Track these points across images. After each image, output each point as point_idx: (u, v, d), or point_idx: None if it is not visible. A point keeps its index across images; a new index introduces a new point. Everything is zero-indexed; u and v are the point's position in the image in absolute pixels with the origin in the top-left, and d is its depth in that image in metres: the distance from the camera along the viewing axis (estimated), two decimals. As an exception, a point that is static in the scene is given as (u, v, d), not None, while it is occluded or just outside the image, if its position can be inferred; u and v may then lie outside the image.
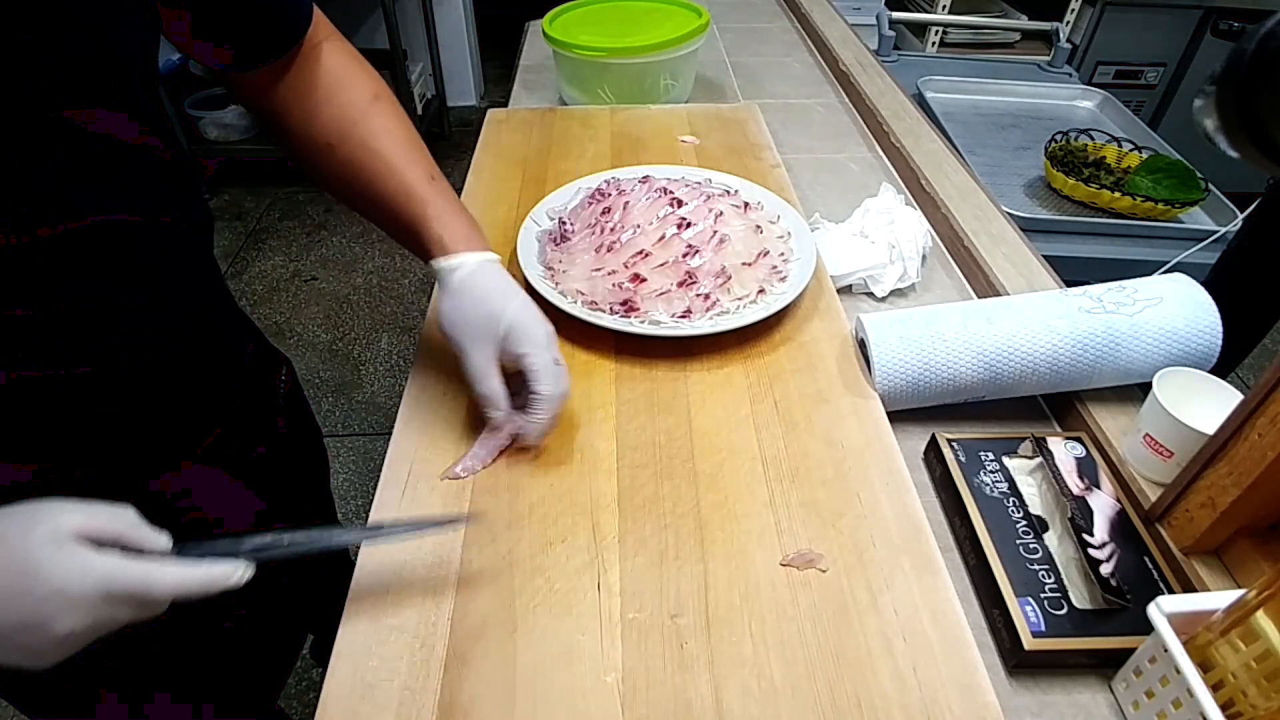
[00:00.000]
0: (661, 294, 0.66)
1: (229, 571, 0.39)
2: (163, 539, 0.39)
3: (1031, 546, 0.52)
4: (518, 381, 0.54)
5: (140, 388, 0.48)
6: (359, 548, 0.49)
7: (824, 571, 0.49)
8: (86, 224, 0.41)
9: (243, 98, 0.54)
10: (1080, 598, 0.49)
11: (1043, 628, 0.47)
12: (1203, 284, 0.62)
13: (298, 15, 0.52)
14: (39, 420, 0.45)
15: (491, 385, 0.53)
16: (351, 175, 0.55)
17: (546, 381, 0.52)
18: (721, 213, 0.72)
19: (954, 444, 0.59)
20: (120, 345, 0.45)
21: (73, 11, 0.37)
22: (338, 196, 0.57)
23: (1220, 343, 0.60)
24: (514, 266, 0.73)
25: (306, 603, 0.76)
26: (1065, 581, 0.50)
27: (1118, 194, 1.17)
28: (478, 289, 0.53)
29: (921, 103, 1.46)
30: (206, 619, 0.60)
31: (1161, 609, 0.43)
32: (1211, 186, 1.19)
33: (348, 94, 0.55)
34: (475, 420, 0.59)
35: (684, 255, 0.67)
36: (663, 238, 0.68)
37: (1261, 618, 0.39)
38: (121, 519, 0.37)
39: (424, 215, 0.54)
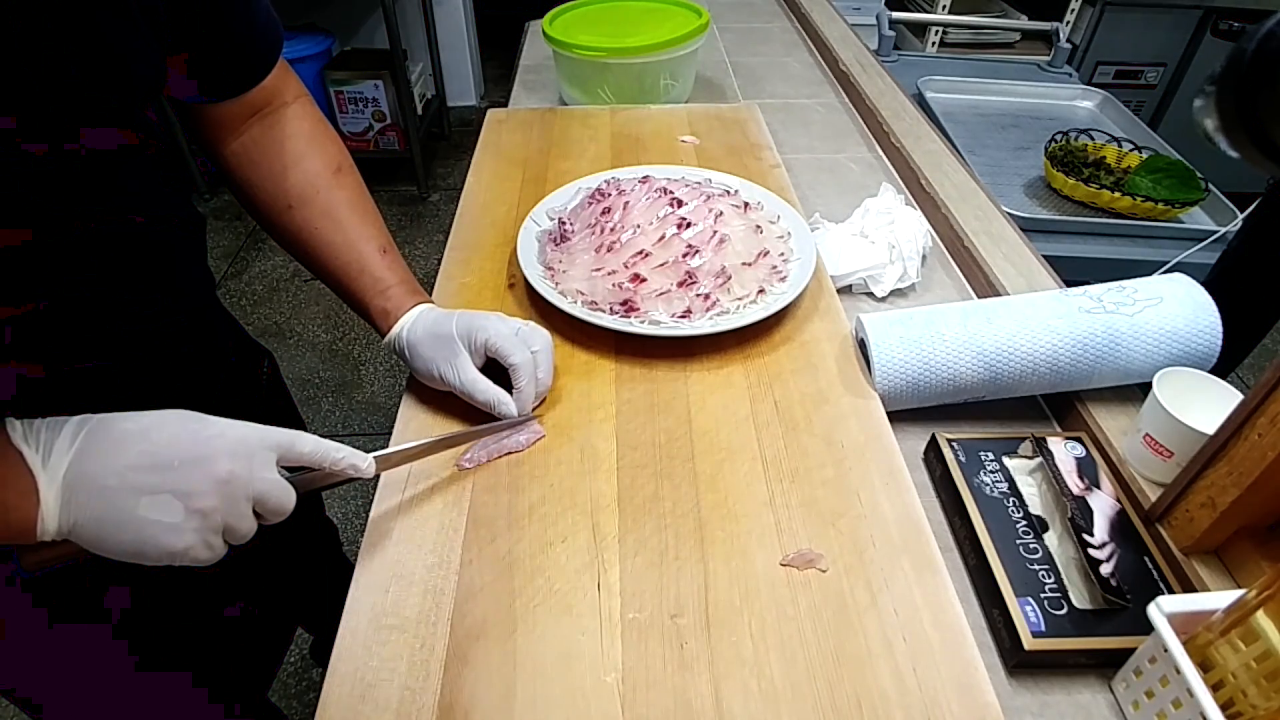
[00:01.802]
0: (661, 294, 0.66)
1: (364, 458, 0.46)
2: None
3: (1031, 546, 0.52)
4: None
5: (148, 380, 0.50)
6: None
7: (824, 571, 0.49)
8: (104, 224, 0.43)
9: (211, 143, 0.56)
10: (1080, 598, 0.49)
11: (1043, 628, 0.47)
12: (1203, 284, 0.62)
13: (266, 49, 0.54)
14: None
15: (487, 391, 0.56)
16: (308, 239, 0.58)
17: (513, 351, 0.55)
18: (721, 213, 0.72)
19: (954, 444, 0.59)
20: (134, 337, 0.47)
21: (95, 39, 0.39)
22: (290, 253, 0.60)
23: (1220, 343, 0.60)
24: (514, 266, 0.74)
25: (299, 595, 0.76)
26: (1065, 581, 0.50)
27: (1118, 194, 1.17)
28: (426, 330, 0.57)
29: (921, 103, 1.46)
30: (208, 606, 0.61)
31: (1161, 609, 0.43)
32: (1211, 186, 1.19)
33: (314, 161, 0.58)
34: (475, 419, 0.59)
35: (684, 255, 0.67)
36: (663, 238, 0.68)
37: (1261, 618, 0.39)
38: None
39: (374, 289, 0.58)
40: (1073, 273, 0.79)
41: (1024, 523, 0.53)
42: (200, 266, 0.56)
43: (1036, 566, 0.51)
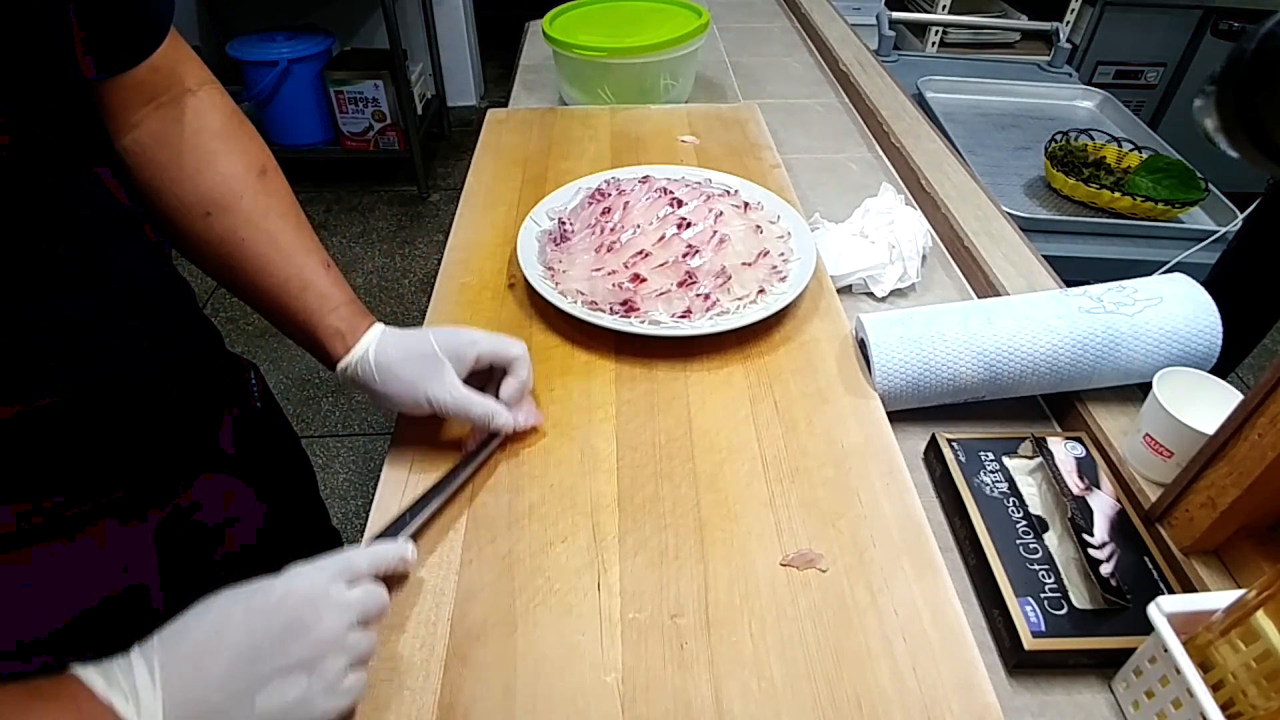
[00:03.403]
0: (661, 294, 0.66)
1: (408, 549, 0.45)
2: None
3: (1031, 546, 0.52)
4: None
5: (139, 404, 0.46)
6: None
7: (824, 571, 0.49)
8: (74, 231, 0.39)
9: (113, 131, 0.48)
10: (1080, 598, 0.49)
11: (1043, 628, 0.47)
12: (1203, 284, 0.62)
13: (158, 4, 0.47)
14: (69, 448, 0.43)
15: (484, 404, 0.53)
16: (233, 252, 0.50)
17: (509, 346, 0.55)
18: (721, 213, 0.72)
19: (954, 444, 0.59)
20: (116, 357, 0.43)
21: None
22: (211, 273, 0.52)
23: (1220, 343, 0.60)
24: (514, 266, 0.74)
25: None
26: (1065, 581, 0.50)
27: (1118, 194, 1.17)
28: (402, 350, 0.53)
29: (921, 103, 1.47)
30: None
31: (1161, 609, 0.43)
32: (1211, 186, 1.20)
33: (232, 161, 0.50)
34: (475, 420, 0.59)
35: (684, 255, 0.67)
36: (663, 238, 0.68)
37: (1261, 618, 0.39)
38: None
39: (323, 306, 0.52)
40: (1073, 273, 0.79)
41: (1024, 523, 0.53)
42: (174, 278, 0.49)
43: (1036, 566, 0.51)
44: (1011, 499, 0.55)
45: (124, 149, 0.48)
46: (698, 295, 0.66)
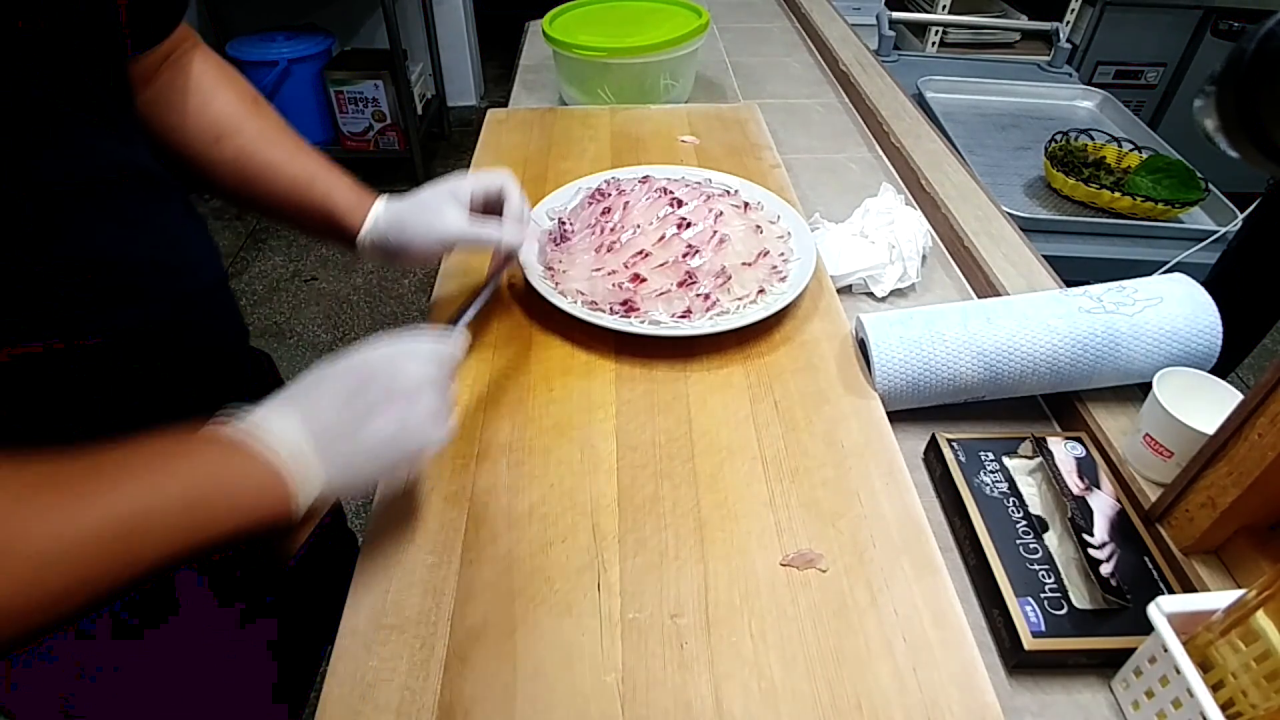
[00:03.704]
0: (661, 294, 0.66)
1: (460, 337, 0.50)
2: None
3: (1031, 546, 0.52)
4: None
5: (178, 345, 0.50)
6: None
7: (824, 571, 0.49)
8: (112, 176, 0.43)
9: (137, 89, 0.53)
10: (1080, 598, 0.49)
11: (1043, 628, 0.47)
12: (1203, 284, 0.62)
13: None
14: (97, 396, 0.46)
15: (491, 229, 0.59)
16: (246, 164, 0.57)
17: (496, 178, 0.62)
18: (721, 213, 0.72)
19: (954, 444, 0.59)
20: (159, 304, 0.47)
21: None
22: (227, 192, 0.58)
23: (1220, 343, 0.60)
24: (514, 266, 0.73)
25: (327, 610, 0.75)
26: (1065, 581, 0.50)
27: (1118, 194, 1.17)
28: (406, 206, 0.60)
29: (921, 103, 1.46)
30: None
31: (1161, 609, 0.43)
32: (1211, 186, 1.19)
33: (231, 92, 0.58)
34: (475, 419, 0.59)
35: (684, 255, 0.67)
36: (663, 238, 0.68)
37: (1261, 618, 0.39)
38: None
39: (331, 196, 0.59)
40: (1073, 273, 0.79)
41: (1024, 523, 0.53)
42: (210, 242, 0.54)
43: (1036, 566, 0.51)
44: (1011, 499, 0.55)
45: (145, 103, 0.54)
46: (698, 295, 0.66)
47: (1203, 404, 0.54)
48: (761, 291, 0.68)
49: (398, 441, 0.43)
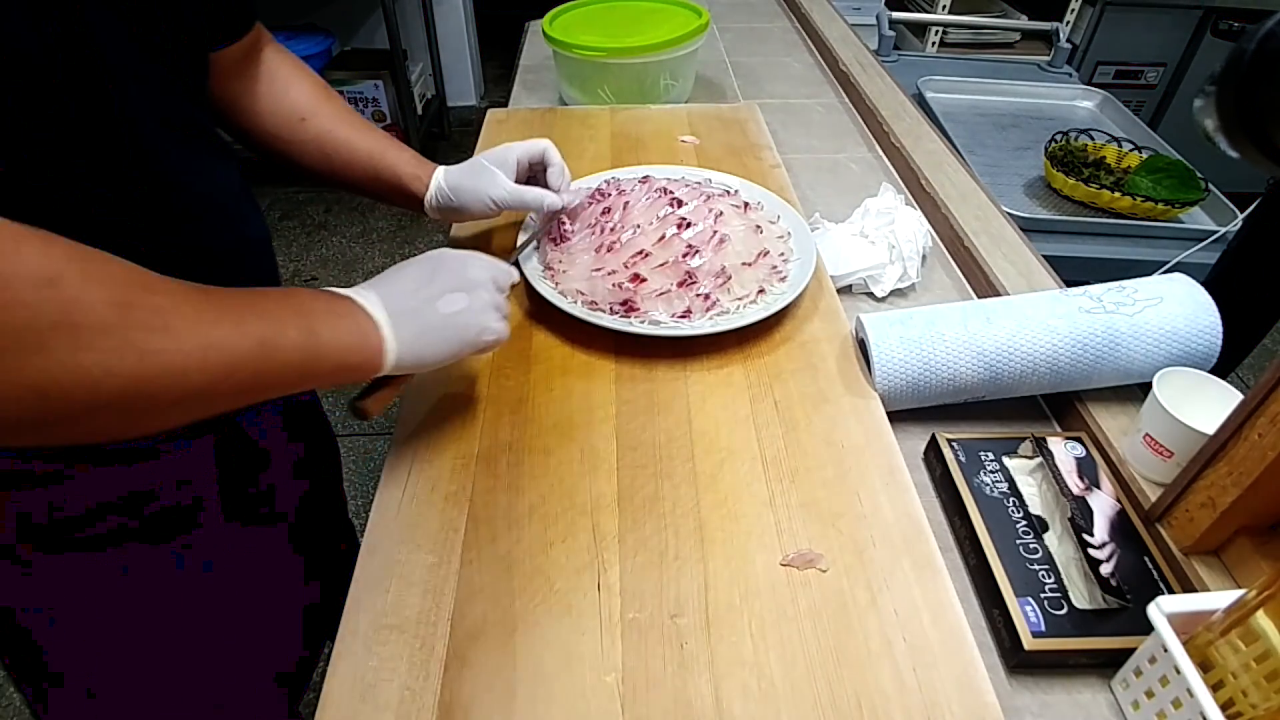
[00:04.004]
0: (661, 294, 0.66)
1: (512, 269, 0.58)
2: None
3: (1031, 546, 0.52)
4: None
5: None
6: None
7: (824, 571, 0.49)
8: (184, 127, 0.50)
9: (216, 89, 0.61)
10: (1080, 598, 0.49)
11: (1043, 628, 0.47)
12: (1203, 284, 0.62)
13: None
14: None
15: (534, 193, 0.69)
16: (327, 140, 0.66)
17: (536, 146, 0.72)
18: (721, 213, 0.72)
19: (954, 444, 0.59)
20: (211, 236, 0.53)
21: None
22: (309, 166, 0.67)
23: (1220, 343, 0.60)
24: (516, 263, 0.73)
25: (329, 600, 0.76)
26: (1065, 581, 0.50)
27: (1118, 194, 1.17)
28: (461, 173, 0.69)
29: (921, 103, 1.46)
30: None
31: (1161, 609, 0.43)
32: (1211, 186, 1.19)
33: (306, 80, 0.67)
34: (475, 419, 0.59)
35: (684, 255, 0.67)
36: (663, 238, 0.68)
37: (1261, 618, 0.39)
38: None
39: (400, 166, 0.69)
40: (1073, 273, 0.79)
41: (1024, 523, 0.53)
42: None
43: (1036, 566, 0.51)
44: (1011, 499, 0.55)
45: (235, 94, 0.63)
46: (698, 295, 0.66)
47: (1203, 404, 0.54)
48: (761, 291, 0.68)
49: (462, 320, 0.50)
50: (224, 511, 0.58)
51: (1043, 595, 0.49)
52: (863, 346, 0.65)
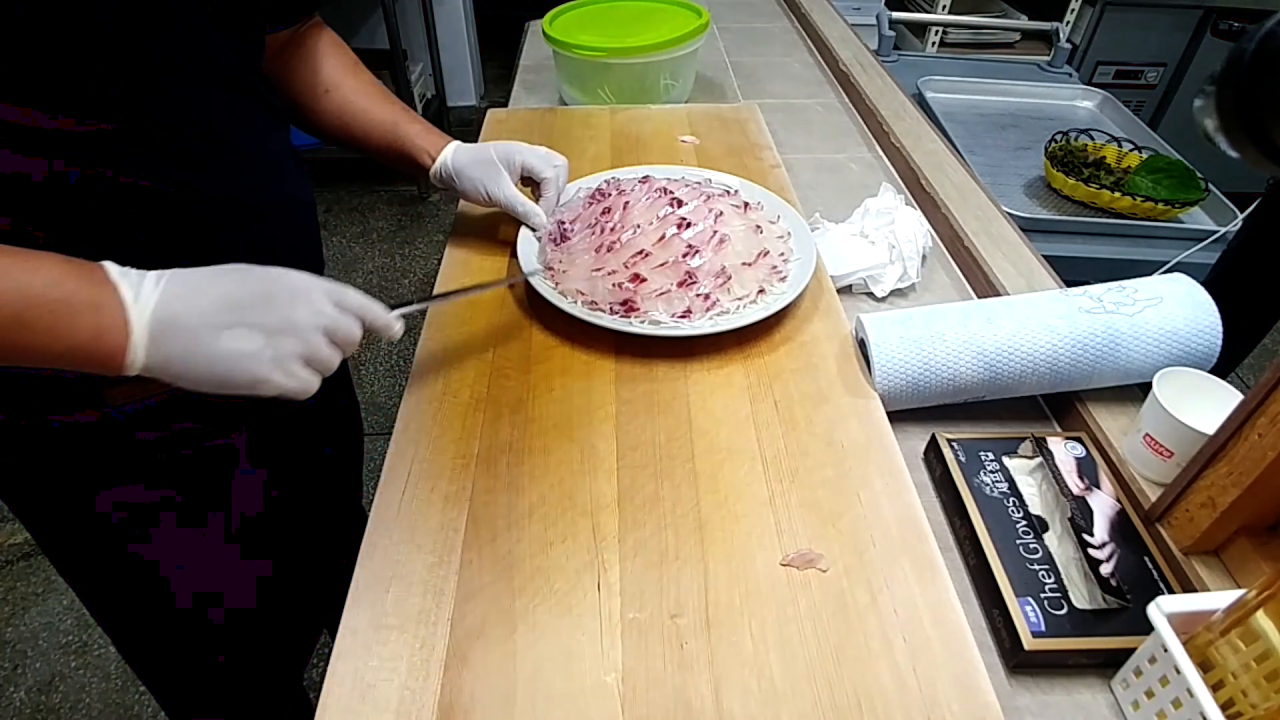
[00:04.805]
0: (661, 294, 0.66)
1: (397, 324, 0.52)
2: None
3: (1031, 546, 0.52)
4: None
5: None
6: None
7: (824, 571, 0.49)
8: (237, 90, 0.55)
9: (288, 52, 0.69)
10: (1080, 598, 0.49)
11: (1043, 628, 0.47)
12: (1203, 284, 0.62)
13: None
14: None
15: (526, 204, 0.72)
16: (346, 110, 0.71)
17: (544, 169, 0.73)
18: (721, 213, 0.72)
19: (954, 444, 0.59)
20: (257, 191, 0.56)
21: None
22: (329, 132, 0.72)
23: (1220, 343, 0.60)
24: (514, 266, 0.74)
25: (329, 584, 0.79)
26: (1065, 581, 0.50)
27: (1118, 194, 1.17)
28: (469, 157, 0.73)
29: (921, 103, 1.46)
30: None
31: (1161, 609, 0.43)
32: (1211, 186, 1.19)
33: (338, 58, 0.72)
34: (475, 419, 0.59)
35: (684, 255, 0.67)
36: (663, 238, 0.68)
37: (1261, 618, 0.39)
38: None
39: (409, 137, 0.72)
40: (1073, 273, 0.79)
41: (1024, 523, 0.53)
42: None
43: (1036, 566, 0.51)
44: (1011, 499, 0.55)
45: (277, 65, 0.67)
46: (698, 295, 0.66)
47: (1203, 404, 0.54)
48: (761, 291, 0.68)
49: (240, 365, 0.44)
50: (249, 458, 0.63)
51: (1043, 595, 0.49)
52: (863, 346, 0.65)
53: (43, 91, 0.42)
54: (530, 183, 0.76)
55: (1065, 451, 0.58)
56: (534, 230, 0.73)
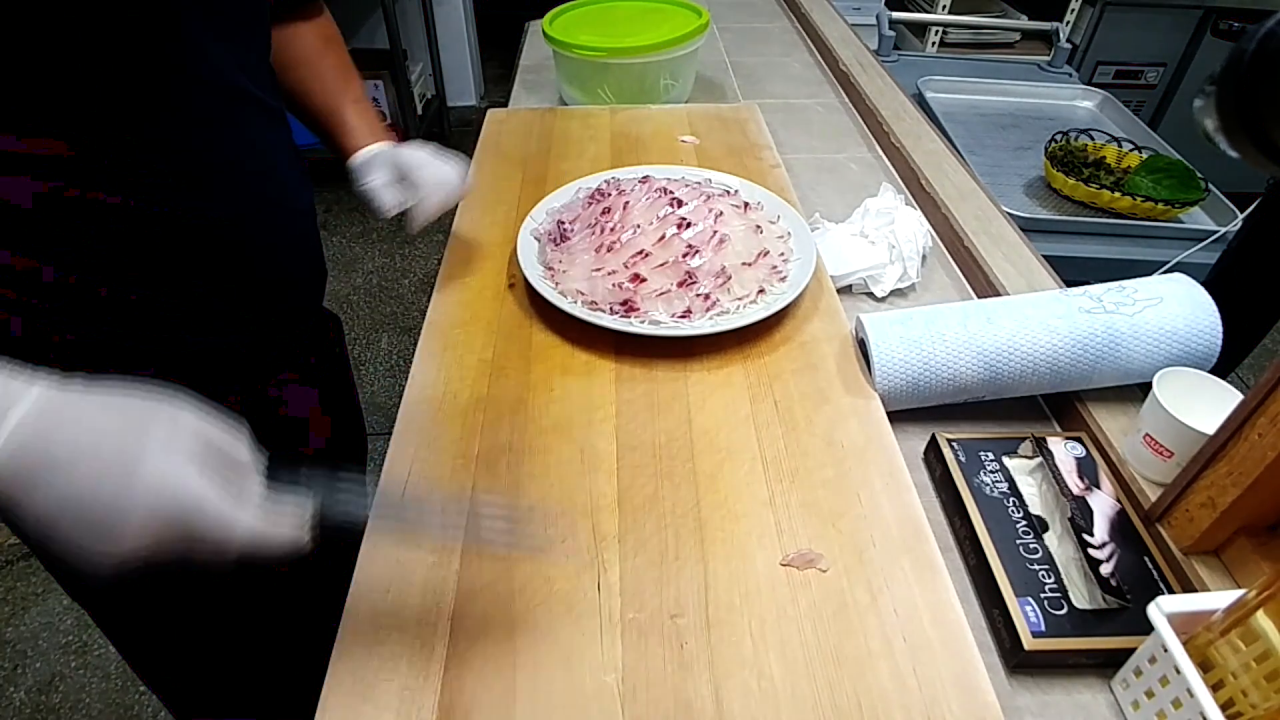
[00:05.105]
0: (661, 294, 0.66)
1: (297, 538, 0.37)
2: (257, 468, 0.38)
3: (1031, 546, 0.52)
4: None
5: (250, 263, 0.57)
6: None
7: (824, 571, 0.49)
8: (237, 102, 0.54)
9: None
10: (1080, 598, 0.49)
11: (1043, 628, 0.47)
12: (1203, 284, 0.62)
13: None
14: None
15: (382, 200, 0.69)
16: (299, 92, 0.71)
17: (419, 169, 0.70)
18: (721, 213, 0.72)
19: (954, 444, 0.59)
20: (269, 186, 0.57)
21: None
22: (289, 108, 0.70)
23: (1220, 343, 0.60)
24: (514, 266, 0.74)
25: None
26: (1065, 581, 0.50)
27: (1118, 194, 1.17)
28: (367, 156, 0.70)
29: (921, 103, 1.46)
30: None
31: (1161, 609, 0.43)
32: (1211, 186, 1.19)
33: (309, 35, 0.71)
34: (475, 419, 0.59)
35: (684, 255, 0.67)
36: (663, 238, 0.68)
37: (1261, 618, 0.39)
38: (234, 436, 0.37)
39: (342, 130, 0.71)
40: (1073, 273, 0.79)
41: (1024, 523, 0.53)
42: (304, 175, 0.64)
43: (1036, 566, 0.51)
44: (1011, 499, 0.55)
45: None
46: (698, 295, 0.66)
47: (1203, 404, 0.54)
48: (761, 291, 0.68)
49: (63, 511, 0.33)
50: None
51: (1043, 595, 0.49)
52: (863, 346, 0.65)
53: (17, 113, 0.42)
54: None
55: (1065, 451, 0.58)
56: (377, 211, 0.70)
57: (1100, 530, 0.52)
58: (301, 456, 0.74)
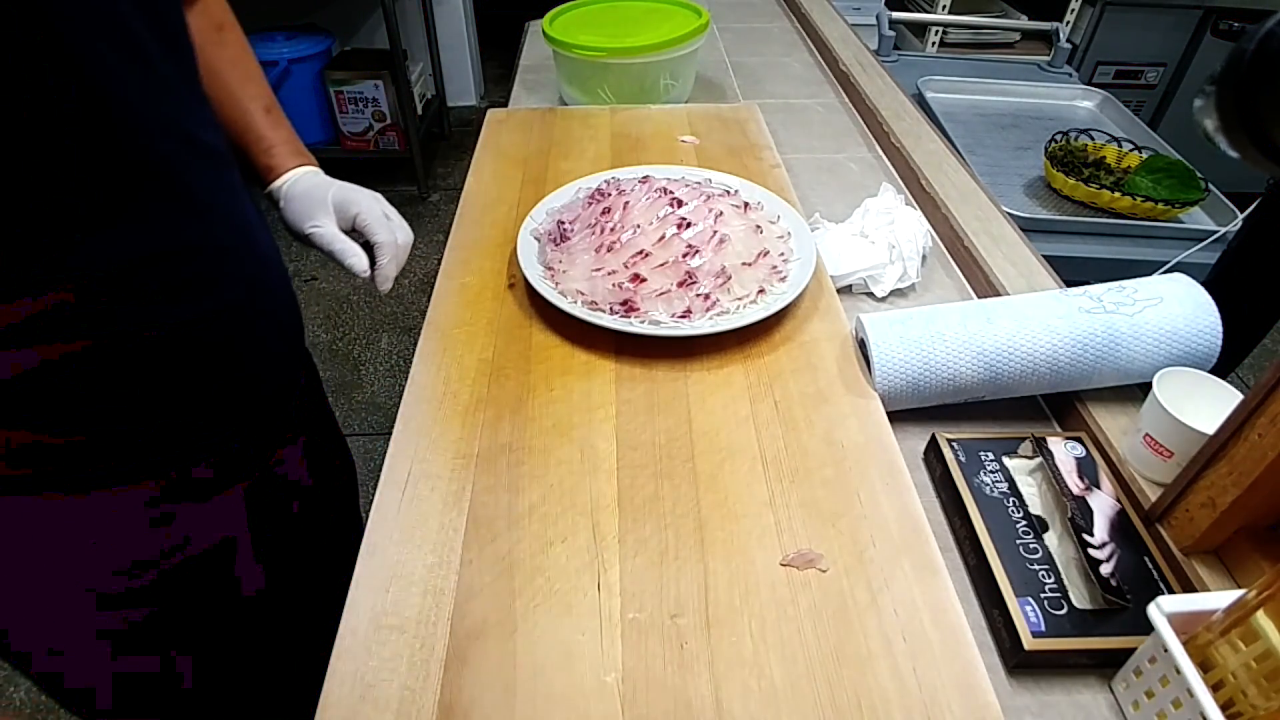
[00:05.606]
0: (661, 294, 0.66)
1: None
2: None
3: (1031, 546, 0.52)
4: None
5: (223, 346, 0.52)
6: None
7: (824, 571, 0.49)
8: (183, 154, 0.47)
9: None
10: (1080, 598, 0.49)
11: (1043, 628, 0.47)
12: (1203, 284, 0.62)
13: None
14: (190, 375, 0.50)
15: (344, 241, 0.63)
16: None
17: (379, 231, 0.64)
18: (721, 213, 0.72)
19: (954, 444, 0.59)
20: (217, 290, 0.50)
21: None
22: None
23: (1220, 343, 0.60)
24: (514, 266, 0.74)
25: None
26: (1065, 581, 0.50)
27: (1118, 194, 1.17)
28: (305, 186, 0.63)
29: (921, 103, 1.46)
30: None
31: (1161, 609, 0.43)
32: (1211, 186, 1.19)
33: (196, 19, 0.58)
34: (474, 419, 0.59)
35: (684, 255, 0.67)
36: (663, 238, 0.68)
37: (1261, 618, 0.39)
38: None
39: (258, 147, 0.63)
40: (1073, 273, 0.79)
41: (1024, 523, 0.53)
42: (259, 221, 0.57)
43: (1036, 566, 0.51)
44: (1011, 499, 0.55)
45: None
46: (698, 295, 0.66)
47: (1203, 404, 0.54)
48: (761, 291, 0.68)
49: None
50: (254, 550, 0.60)
51: (1043, 595, 0.49)
52: (863, 346, 0.65)
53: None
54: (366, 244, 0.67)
55: (1065, 451, 0.58)
56: (356, 273, 0.64)
57: (1100, 530, 0.52)
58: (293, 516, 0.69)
